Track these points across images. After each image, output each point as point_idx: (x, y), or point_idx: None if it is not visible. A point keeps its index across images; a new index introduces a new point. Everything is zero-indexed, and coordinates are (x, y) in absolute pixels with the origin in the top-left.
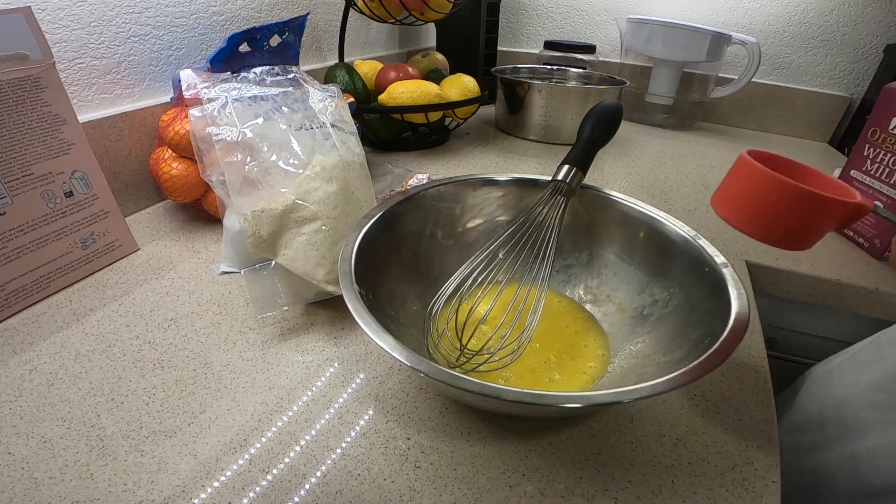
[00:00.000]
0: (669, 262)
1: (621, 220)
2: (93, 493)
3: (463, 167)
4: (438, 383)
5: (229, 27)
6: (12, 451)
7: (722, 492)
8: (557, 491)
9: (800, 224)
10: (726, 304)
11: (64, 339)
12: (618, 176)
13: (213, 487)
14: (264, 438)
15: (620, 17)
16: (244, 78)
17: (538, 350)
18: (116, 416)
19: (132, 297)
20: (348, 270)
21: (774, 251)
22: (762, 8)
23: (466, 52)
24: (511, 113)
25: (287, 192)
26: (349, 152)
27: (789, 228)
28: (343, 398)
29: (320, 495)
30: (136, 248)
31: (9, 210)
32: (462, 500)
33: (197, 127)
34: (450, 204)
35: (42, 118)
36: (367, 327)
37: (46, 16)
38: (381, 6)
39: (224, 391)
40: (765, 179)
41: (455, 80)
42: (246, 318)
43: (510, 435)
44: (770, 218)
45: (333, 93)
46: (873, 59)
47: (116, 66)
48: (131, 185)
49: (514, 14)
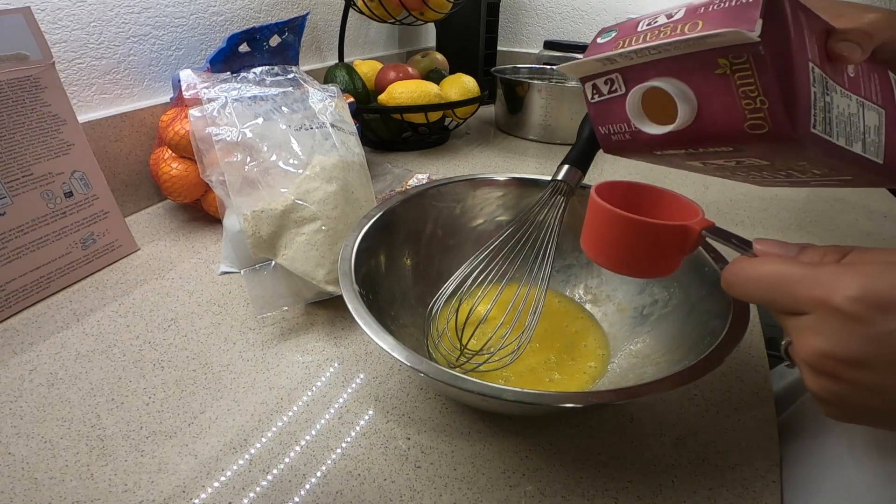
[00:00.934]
0: None
1: None
2: (93, 494)
3: (463, 167)
4: (438, 383)
5: (229, 27)
6: (12, 451)
7: (722, 491)
8: (557, 491)
9: (641, 252)
10: (726, 304)
11: (64, 340)
12: (618, 176)
13: (213, 487)
14: (264, 438)
15: (620, 17)
16: (244, 78)
17: (538, 350)
18: (116, 416)
19: (132, 297)
20: (348, 271)
21: None
22: None
23: (466, 52)
24: (511, 113)
25: (287, 192)
26: (349, 152)
27: (637, 258)
28: (343, 398)
29: (320, 495)
30: (135, 249)
31: (9, 210)
32: (462, 500)
33: (197, 127)
34: (449, 204)
35: (42, 118)
36: (368, 327)
37: (46, 16)
38: (380, 6)
39: (224, 391)
40: (603, 212)
41: (455, 80)
42: (246, 318)
43: (510, 435)
44: (618, 250)
45: (333, 93)
46: None
47: (116, 66)
48: (131, 185)
49: (514, 14)
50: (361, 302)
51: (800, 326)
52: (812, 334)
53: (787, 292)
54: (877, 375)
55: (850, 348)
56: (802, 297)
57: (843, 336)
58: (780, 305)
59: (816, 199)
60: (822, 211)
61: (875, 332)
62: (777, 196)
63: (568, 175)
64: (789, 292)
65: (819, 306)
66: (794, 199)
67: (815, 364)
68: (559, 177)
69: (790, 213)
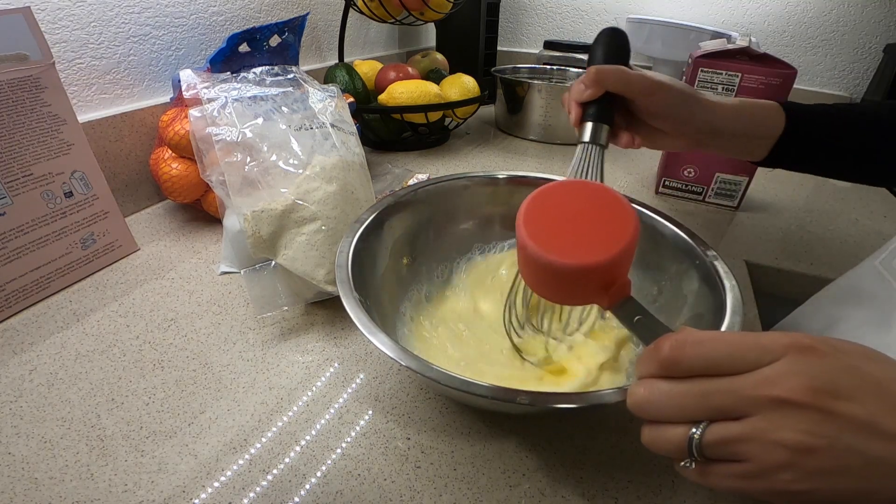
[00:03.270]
0: (661, 257)
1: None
2: (93, 494)
3: (463, 167)
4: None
5: (229, 27)
6: (12, 451)
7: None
8: (557, 491)
9: (551, 283)
10: (720, 302)
11: (64, 340)
12: (618, 176)
13: (214, 487)
14: (264, 438)
15: (620, 17)
16: (244, 78)
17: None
18: (116, 416)
19: (132, 297)
20: (346, 278)
21: (775, 251)
22: (762, 8)
23: (466, 52)
24: (511, 113)
25: (287, 192)
26: (349, 152)
27: (550, 288)
28: (343, 398)
29: (320, 495)
30: (135, 249)
31: (9, 210)
32: (462, 500)
33: (197, 127)
34: (442, 202)
35: (42, 118)
36: (373, 335)
37: (46, 16)
38: (380, 6)
39: (224, 391)
40: (519, 236)
41: (455, 80)
42: (246, 318)
43: (510, 435)
44: (535, 275)
45: (333, 93)
46: (873, 59)
47: (116, 66)
48: (131, 185)
49: (514, 14)
50: (363, 309)
51: (760, 430)
52: (778, 432)
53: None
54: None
55: (820, 434)
56: (758, 398)
57: (809, 427)
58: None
59: (817, 198)
60: (822, 211)
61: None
62: (777, 195)
63: (595, 134)
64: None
65: (779, 407)
66: (795, 199)
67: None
68: (585, 138)
69: (791, 212)
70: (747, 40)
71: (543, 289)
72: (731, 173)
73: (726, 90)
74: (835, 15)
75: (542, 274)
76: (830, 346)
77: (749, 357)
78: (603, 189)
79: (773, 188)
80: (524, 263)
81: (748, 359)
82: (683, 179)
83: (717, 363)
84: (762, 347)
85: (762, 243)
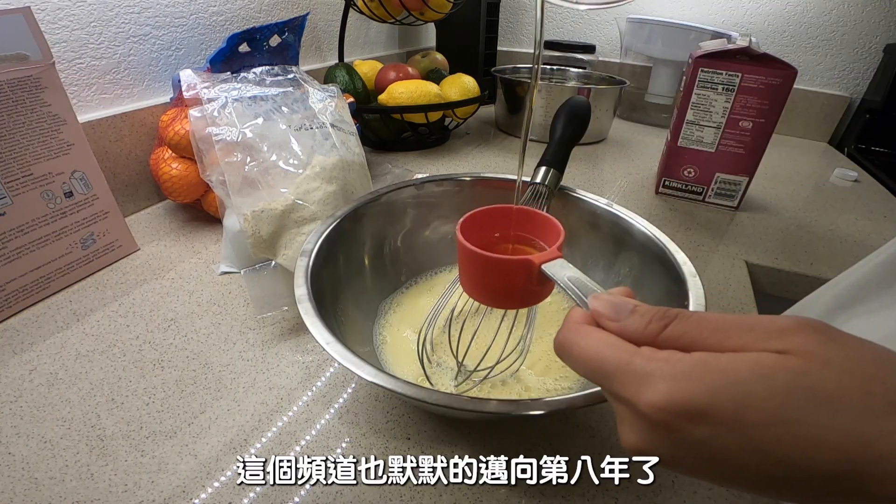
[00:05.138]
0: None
1: (589, 219)
2: (93, 494)
3: (462, 167)
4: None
5: (229, 27)
6: (12, 451)
7: (722, 491)
8: (557, 491)
9: (489, 283)
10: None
11: (64, 340)
12: (618, 176)
13: (213, 487)
14: (264, 438)
15: (620, 17)
16: (244, 78)
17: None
18: (116, 416)
19: (132, 297)
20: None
21: (775, 251)
22: (762, 7)
23: (466, 52)
24: (511, 113)
25: (287, 192)
26: (349, 152)
27: (488, 289)
28: (343, 398)
29: (320, 495)
30: (136, 249)
31: (9, 210)
32: (462, 500)
33: (197, 127)
34: (415, 205)
35: (42, 118)
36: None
37: (46, 16)
38: (380, 6)
39: (224, 391)
40: (459, 245)
41: (455, 80)
42: (246, 318)
43: (509, 435)
44: (474, 281)
45: (333, 93)
46: (873, 59)
47: (116, 67)
48: (131, 186)
49: (514, 14)
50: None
51: (618, 412)
52: (626, 426)
53: (605, 383)
54: (684, 471)
55: (657, 450)
56: (615, 392)
57: (650, 437)
58: (605, 390)
59: (817, 198)
60: (822, 211)
61: (681, 439)
62: (777, 195)
63: (546, 177)
64: (606, 385)
65: (629, 406)
66: (795, 199)
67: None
68: (537, 179)
69: (791, 212)
70: (747, 40)
71: (480, 290)
72: (731, 173)
73: (726, 90)
74: (835, 15)
75: (477, 269)
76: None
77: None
78: (533, 210)
79: (773, 188)
80: (462, 268)
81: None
82: (683, 179)
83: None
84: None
85: (762, 243)
